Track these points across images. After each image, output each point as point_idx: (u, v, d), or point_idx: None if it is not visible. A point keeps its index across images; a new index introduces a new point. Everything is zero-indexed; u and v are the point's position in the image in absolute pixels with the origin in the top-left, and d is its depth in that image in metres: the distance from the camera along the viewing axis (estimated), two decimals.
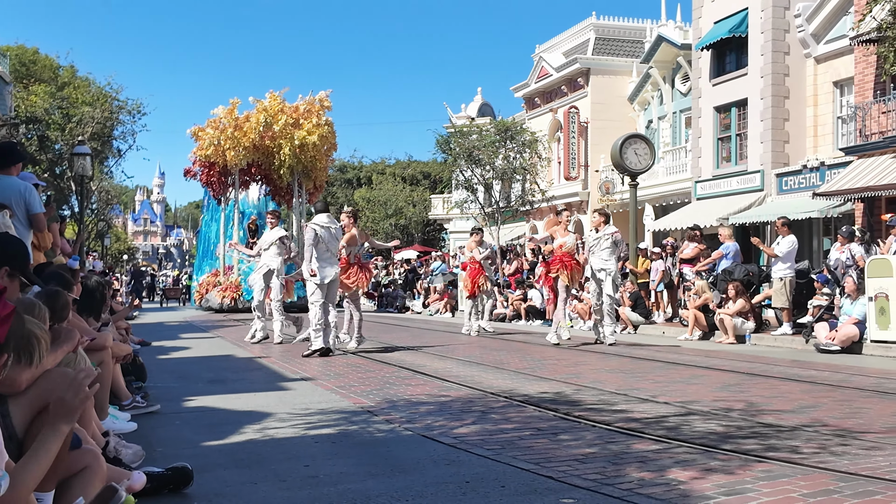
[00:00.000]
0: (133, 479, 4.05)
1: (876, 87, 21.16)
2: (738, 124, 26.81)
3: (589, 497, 4.14)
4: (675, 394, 7.82)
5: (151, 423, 6.54)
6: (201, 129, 27.83)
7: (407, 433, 5.94)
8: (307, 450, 5.45)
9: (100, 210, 52.71)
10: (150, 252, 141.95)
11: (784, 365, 10.75)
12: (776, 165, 25.01)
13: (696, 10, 28.46)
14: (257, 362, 11.16)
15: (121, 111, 41.09)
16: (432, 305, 27.42)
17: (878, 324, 12.63)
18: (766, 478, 4.46)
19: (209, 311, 27.09)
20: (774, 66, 25.07)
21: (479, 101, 48.48)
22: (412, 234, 53.00)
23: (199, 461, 4.91)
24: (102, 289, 7.70)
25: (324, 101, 28.63)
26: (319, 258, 11.80)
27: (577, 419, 6.38)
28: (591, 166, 35.66)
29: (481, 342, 14.66)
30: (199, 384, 8.95)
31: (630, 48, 36.82)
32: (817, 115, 25.01)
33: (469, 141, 36.70)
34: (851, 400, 7.54)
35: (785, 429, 5.95)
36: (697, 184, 28.15)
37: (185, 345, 14.52)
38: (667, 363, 10.83)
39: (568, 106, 36.57)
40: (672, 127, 32.63)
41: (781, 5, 25.18)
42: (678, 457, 5.00)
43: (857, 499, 4.03)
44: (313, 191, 29.75)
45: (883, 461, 4.86)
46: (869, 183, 19.46)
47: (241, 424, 6.33)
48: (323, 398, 7.67)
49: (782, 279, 14.94)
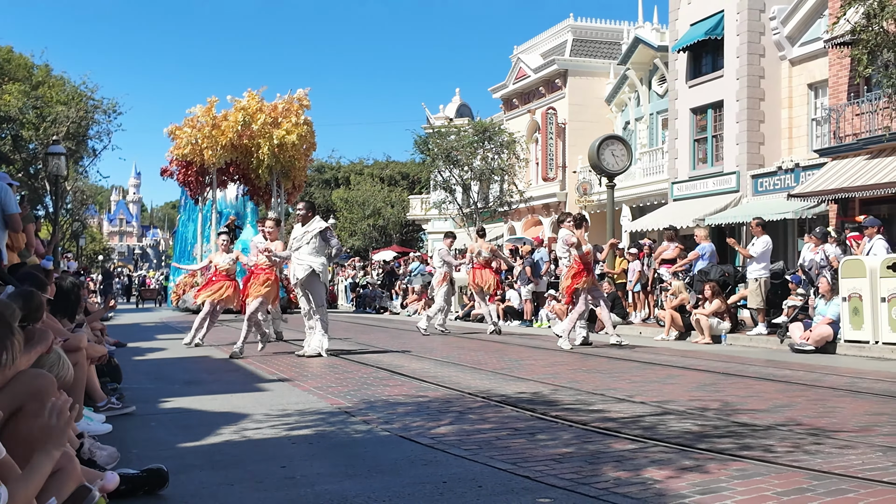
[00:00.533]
0: (106, 479, 4.02)
1: (850, 90, 21.39)
2: (714, 126, 27.01)
3: (565, 496, 4.16)
4: (652, 393, 7.87)
5: (127, 424, 6.49)
6: (178, 128, 27.61)
7: (384, 434, 5.94)
8: (284, 451, 5.43)
9: (75, 210, 52.26)
10: (126, 252, 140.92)
11: (759, 365, 10.84)
12: (752, 167, 25.23)
13: (673, 13, 28.65)
14: (234, 363, 11.10)
15: (96, 110, 40.69)
16: (410, 306, 27.41)
17: (852, 324, 12.77)
18: (740, 476, 4.49)
19: (186, 311, 26.87)
20: (750, 69, 25.29)
21: (458, 101, 48.53)
22: (390, 235, 52.96)
23: (175, 463, 4.88)
24: (77, 289, 7.63)
25: (303, 99, 28.49)
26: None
27: (554, 419, 6.40)
28: (569, 167, 35.80)
29: (460, 342, 14.67)
30: (176, 385, 8.90)
31: (607, 50, 37.01)
32: (792, 117, 25.25)
33: (447, 141, 36.77)
34: (825, 399, 7.62)
35: (759, 428, 6.00)
36: (674, 185, 28.33)
37: (161, 346, 14.41)
38: (643, 363, 10.89)
39: (546, 107, 36.70)
40: (649, 128, 32.82)
41: (757, 8, 25.41)
42: (654, 456, 5.03)
43: (829, 497, 4.07)
44: (292, 191, 29.63)
45: (856, 460, 4.91)
46: (843, 184, 19.67)
47: (218, 425, 6.30)
48: (300, 399, 7.65)
49: (757, 280, 15.07)
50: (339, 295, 35.55)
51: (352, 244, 54.06)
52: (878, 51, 13.88)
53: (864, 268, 12.66)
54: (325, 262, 11.67)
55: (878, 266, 12.53)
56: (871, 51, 13.84)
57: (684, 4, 28.05)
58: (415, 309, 26.77)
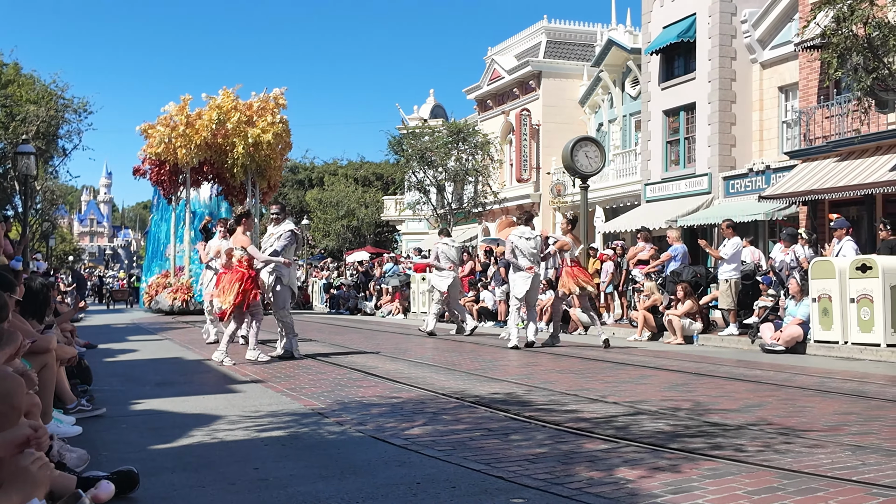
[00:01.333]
0: (100, 489, 4.01)
1: (820, 93, 21.63)
2: (687, 128, 27.21)
3: (539, 496, 4.17)
4: (625, 394, 7.91)
5: (97, 426, 6.43)
6: (151, 126, 27.18)
7: (358, 435, 5.92)
8: (257, 452, 5.40)
9: (44, 210, 51.65)
10: (97, 253, 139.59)
11: (730, 365, 10.93)
12: (723, 169, 25.44)
13: (646, 15, 28.83)
14: (206, 364, 11.03)
15: (66, 110, 40.27)
16: (384, 307, 27.36)
17: (822, 324, 12.91)
18: (711, 476, 4.53)
19: (159, 312, 26.62)
20: (721, 72, 25.50)
21: (432, 102, 48.55)
22: (364, 236, 52.83)
23: (146, 465, 4.84)
24: (46, 290, 7.55)
25: (278, 98, 28.14)
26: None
27: (527, 419, 6.42)
28: (543, 168, 35.91)
29: (434, 343, 14.67)
30: (147, 387, 8.83)
31: (581, 52, 37.16)
32: (763, 119, 25.50)
33: (421, 142, 36.78)
34: (795, 399, 7.70)
35: (730, 427, 6.05)
36: (647, 186, 28.50)
37: (132, 347, 14.29)
38: (616, 364, 10.95)
39: (520, 108, 36.79)
40: (622, 130, 33.00)
41: (728, 11, 25.63)
42: (627, 456, 5.06)
43: (799, 496, 4.11)
44: (267, 190, 29.32)
45: (825, 459, 4.97)
46: (813, 186, 19.87)
47: (190, 427, 6.25)
48: (273, 400, 7.61)
49: (727, 281, 15.21)
50: (314, 296, 35.42)
51: (325, 245, 53.88)
52: (848, 54, 14.03)
53: (834, 269, 12.80)
54: (286, 271, 11.51)
55: (847, 267, 12.69)
56: (840, 54, 13.98)
57: (657, 7, 28.23)
58: (388, 310, 26.73)
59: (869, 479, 4.44)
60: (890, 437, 5.73)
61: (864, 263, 12.53)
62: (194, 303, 25.53)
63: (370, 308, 28.53)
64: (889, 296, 12.22)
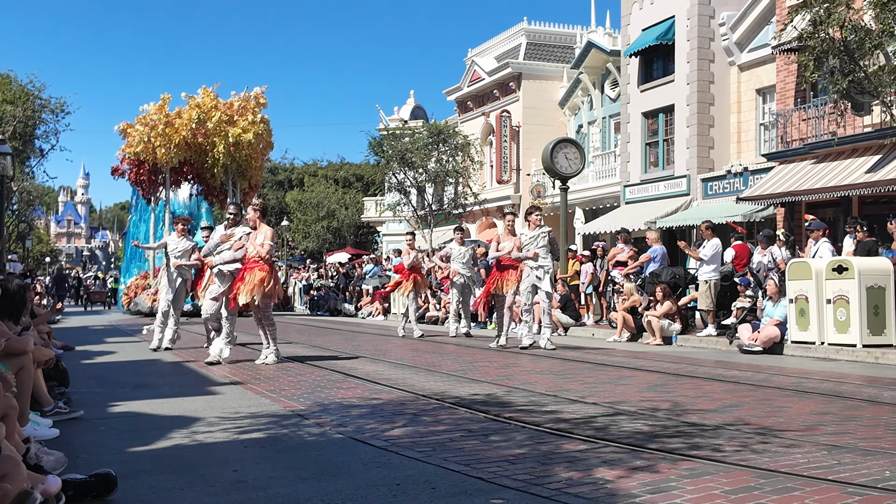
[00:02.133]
0: (48, 483, 3.96)
1: (797, 95, 21.82)
2: (666, 130, 27.36)
3: (518, 497, 4.18)
4: (604, 394, 7.95)
5: (74, 429, 6.39)
6: (130, 125, 26.95)
7: (338, 436, 5.92)
8: (236, 454, 5.39)
9: (21, 211, 51.17)
10: (74, 254, 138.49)
11: (708, 365, 11.00)
12: (702, 170, 25.60)
13: (625, 18, 28.97)
14: (185, 366, 10.98)
15: (43, 110, 39.91)
16: (364, 308, 27.33)
17: (798, 325, 13.02)
18: (689, 476, 4.56)
19: (138, 314, 26.36)
20: (700, 74, 25.67)
21: (412, 103, 48.51)
22: (344, 237, 52.72)
23: (124, 467, 4.81)
24: (23, 292, 7.49)
25: (259, 97, 27.95)
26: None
27: (507, 420, 6.43)
28: (523, 170, 36.00)
29: (415, 345, 14.66)
30: (125, 389, 8.77)
31: (561, 54, 37.29)
32: (741, 121, 25.68)
33: (402, 143, 36.71)
34: (772, 399, 7.76)
35: (708, 427, 6.10)
36: (626, 188, 28.63)
37: (109, 349, 14.20)
38: (596, 364, 10.99)
39: (500, 110, 36.87)
40: (602, 132, 33.13)
41: (706, 14, 25.79)
42: (605, 456, 5.08)
43: (776, 495, 4.15)
44: (248, 190, 29.01)
45: (802, 458, 5.01)
46: (790, 188, 20.04)
47: (169, 429, 6.23)
48: (253, 402, 7.59)
49: (707, 282, 15.30)
50: (294, 297, 35.31)
51: (305, 246, 53.71)
52: (825, 57, 14.16)
53: (810, 270, 12.92)
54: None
55: (824, 268, 12.80)
56: (817, 57, 14.11)
57: (636, 10, 28.37)
58: (369, 311, 26.70)
59: (844, 478, 4.49)
60: (865, 436, 5.79)
61: (840, 265, 12.66)
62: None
63: (350, 309, 28.49)
64: (865, 297, 12.35)
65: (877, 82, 13.77)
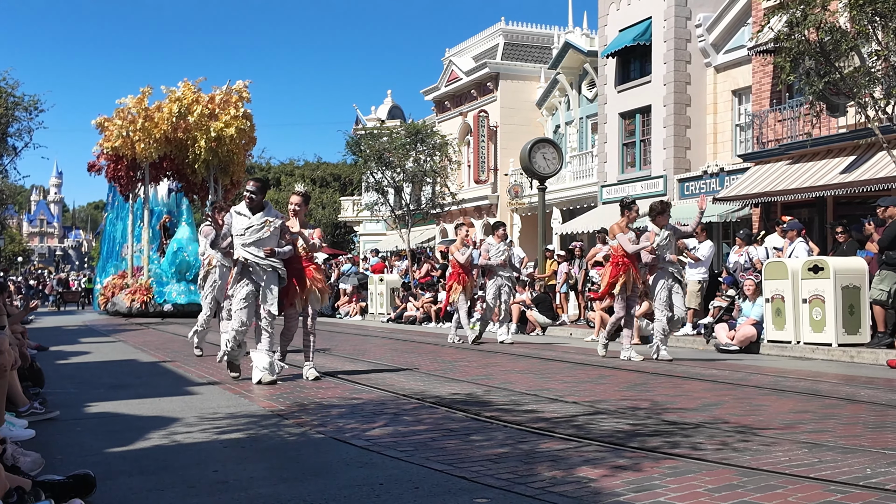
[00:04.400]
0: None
1: (772, 96, 21.98)
2: (642, 130, 27.48)
3: (502, 496, 4.17)
4: (584, 393, 7.96)
5: (50, 429, 6.30)
6: (108, 119, 26.17)
7: (318, 436, 5.87)
8: (216, 455, 5.33)
9: None
10: (47, 254, 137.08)
11: (687, 365, 11.05)
12: (678, 171, 25.74)
13: (602, 19, 29.07)
14: (162, 367, 10.88)
15: (16, 107, 39.41)
16: (342, 308, 27.24)
17: (775, 324, 13.12)
18: (672, 474, 4.57)
19: (116, 315, 25.87)
20: (676, 75, 25.80)
21: (390, 103, 48.44)
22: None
23: (102, 468, 4.75)
24: None
25: (242, 91, 27.19)
26: None
27: (488, 420, 6.42)
28: (501, 170, 36.03)
29: (394, 345, 14.62)
30: (101, 389, 8.67)
31: (538, 54, 37.36)
32: (717, 122, 25.85)
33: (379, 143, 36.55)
34: (751, 398, 7.81)
35: (689, 426, 6.12)
36: (603, 188, 28.73)
37: (84, 349, 14.05)
38: (575, 364, 11.01)
39: (478, 110, 36.89)
40: (579, 132, 33.23)
41: (683, 15, 25.93)
42: (588, 455, 5.08)
43: (759, 493, 4.16)
44: (230, 187, 28.35)
45: (782, 456, 5.04)
46: (765, 188, 20.18)
47: (147, 430, 6.15)
48: (232, 402, 7.53)
49: (700, 282, 15.48)
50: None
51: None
52: (801, 58, 14.26)
53: (787, 270, 13.01)
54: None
55: (800, 268, 12.90)
56: (793, 58, 14.22)
57: (613, 11, 28.48)
58: (346, 311, 26.60)
59: (826, 475, 4.51)
60: (844, 434, 5.83)
61: (815, 264, 12.76)
62: (154, 304, 24.83)
63: (328, 309, 28.36)
64: (840, 296, 12.46)
65: (852, 84, 13.89)
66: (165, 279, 25.83)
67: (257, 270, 8.86)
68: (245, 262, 8.84)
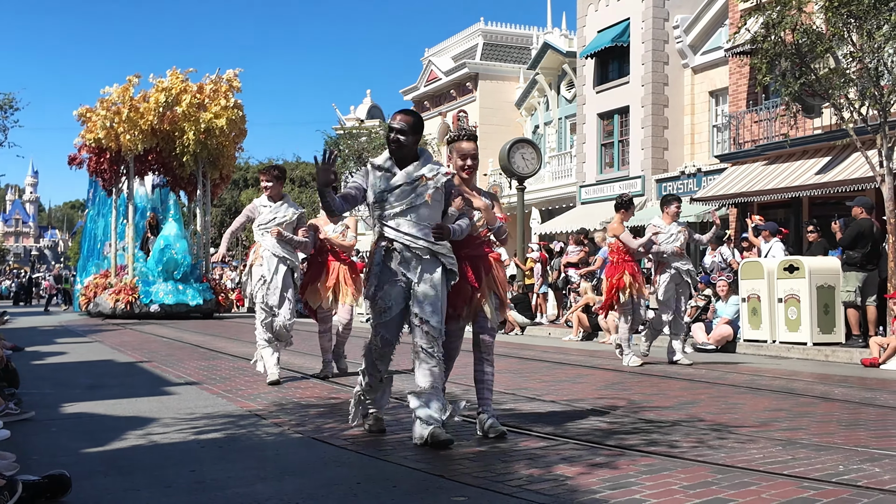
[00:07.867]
0: None
1: (749, 98, 22.15)
2: (621, 131, 27.62)
3: (480, 494, 4.18)
4: (561, 393, 7.99)
5: (26, 430, 6.25)
6: (91, 110, 24.92)
7: (296, 436, 5.87)
8: (193, 455, 5.31)
9: None
10: (23, 254, 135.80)
11: (663, 363, 11.12)
12: (656, 171, 25.89)
13: (581, 19, 29.19)
14: (139, 367, 10.82)
15: None
16: None
17: (751, 324, 13.23)
18: (648, 472, 4.60)
19: (98, 316, 24.82)
20: (654, 76, 25.96)
21: (369, 103, 48.35)
22: None
23: (78, 468, 4.71)
24: None
25: (233, 80, 26.03)
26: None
27: (466, 418, 6.43)
28: (480, 170, 36.08)
29: None
30: (77, 390, 8.60)
31: (517, 54, 37.45)
32: (694, 123, 26.03)
33: (358, 143, 36.63)
34: (726, 396, 7.87)
35: (665, 424, 6.16)
36: (582, 188, 28.85)
37: (61, 350, 13.93)
38: (553, 363, 11.06)
39: (457, 110, 36.93)
40: (558, 132, 33.34)
41: (661, 17, 26.10)
42: (565, 453, 5.11)
43: (733, 490, 4.20)
44: (219, 182, 27.55)
45: (757, 454, 5.09)
46: (742, 189, 20.34)
47: (123, 430, 6.12)
48: (209, 402, 7.49)
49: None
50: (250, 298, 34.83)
51: None
52: (777, 60, 14.39)
53: (763, 269, 13.13)
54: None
55: (776, 268, 13.02)
56: (769, 60, 14.33)
57: (592, 12, 28.61)
58: None
59: (799, 472, 4.56)
60: (819, 432, 5.90)
61: (791, 264, 12.89)
62: (140, 305, 23.75)
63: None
64: (815, 296, 12.59)
65: (827, 85, 14.02)
66: (152, 278, 24.54)
67: (407, 257, 5.52)
68: (390, 245, 5.57)
